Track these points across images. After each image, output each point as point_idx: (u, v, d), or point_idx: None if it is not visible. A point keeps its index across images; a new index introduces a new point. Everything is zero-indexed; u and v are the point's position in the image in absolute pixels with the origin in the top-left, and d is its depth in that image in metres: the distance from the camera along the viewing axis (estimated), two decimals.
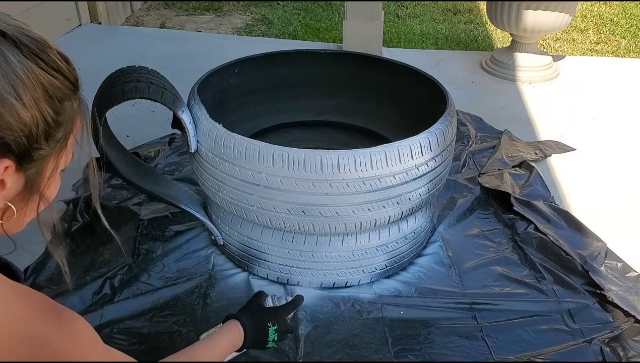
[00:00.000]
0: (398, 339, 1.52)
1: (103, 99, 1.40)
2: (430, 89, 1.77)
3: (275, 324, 1.28)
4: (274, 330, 1.27)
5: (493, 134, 2.52)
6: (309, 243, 1.57)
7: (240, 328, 1.22)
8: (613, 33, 4.17)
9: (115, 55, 3.28)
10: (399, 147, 1.44)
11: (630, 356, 1.47)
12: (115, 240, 1.74)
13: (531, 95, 2.94)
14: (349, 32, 3.26)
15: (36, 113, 0.70)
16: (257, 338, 1.25)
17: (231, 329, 1.22)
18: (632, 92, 2.98)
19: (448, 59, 3.40)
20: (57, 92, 0.73)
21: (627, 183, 2.22)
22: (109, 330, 1.52)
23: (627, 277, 1.73)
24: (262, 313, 1.29)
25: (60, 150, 0.77)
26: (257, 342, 1.26)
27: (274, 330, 1.27)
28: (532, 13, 2.89)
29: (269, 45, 3.48)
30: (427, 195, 1.57)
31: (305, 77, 2.02)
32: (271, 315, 1.30)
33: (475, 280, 1.72)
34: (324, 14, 4.48)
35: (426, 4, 4.76)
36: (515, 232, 1.90)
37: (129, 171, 1.55)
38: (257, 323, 1.25)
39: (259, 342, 1.26)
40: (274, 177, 1.42)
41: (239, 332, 1.22)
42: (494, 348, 1.50)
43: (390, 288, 1.69)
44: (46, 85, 0.71)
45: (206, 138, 1.49)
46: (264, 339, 1.26)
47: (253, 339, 1.24)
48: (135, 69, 1.49)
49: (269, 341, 1.26)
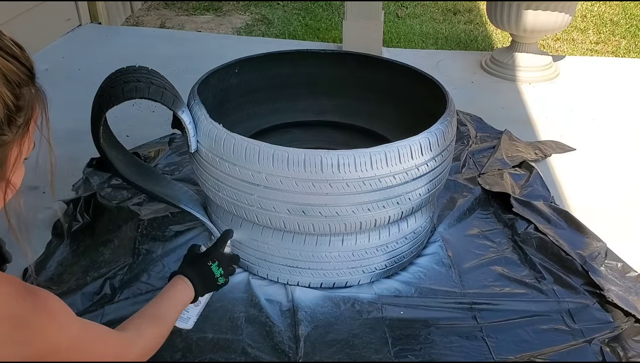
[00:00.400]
0: (398, 339, 1.52)
1: (103, 99, 1.40)
2: (430, 89, 1.77)
3: (215, 260, 1.31)
4: (217, 266, 1.30)
5: (493, 134, 2.52)
6: (309, 243, 1.57)
7: (184, 279, 1.24)
8: (613, 33, 4.17)
9: (115, 55, 3.28)
10: (399, 147, 1.44)
11: (630, 356, 1.47)
12: (117, 239, 1.74)
13: (531, 95, 2.94)
14: (349, 32, 3.26)
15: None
16: (204, 280, 1.28)
17: (177, 283, 1.24)
18: (632, 92, 2.98)
19: (448, 59, 3.40)
20: (14, 77, 0.74)
21: (627, 184, 2.22)
22: None
23: (627, 277, 1.73)
24: (198, 258, 1.33)
25: (23, 136, 0.78)
26: (207, 284, 1.29)
27: (216, 266, 1.30)
28: (532, 13, 2.89)
29: (269, 45, 3.48)
30: (427, 195, 1.57)
31: (305, 77, 2.02)
32: (207, 255, 1.33)
33: (475, 280, 1.72)
34: (324, 14, 4.48)
35: (426, 4, 4.75)
36: (515, 232, 1.90)
37: (129, 171, 1.55)
38: (197, 268, 1.28)
39: (209, 283, 1.29)
40: (274, 177, 1.42)
41: (185, 283, 1.24)
42: (494, 348, 1.50)
43: (390, 288, 1.69)
44: (3, 69, 0.72)
45: (206, 138, 1.49)
46: (211, 279, 1.29)
47: (201, 283, 1.26)
48: (135, 69, 1.49)
49: (217, 278, 1.30)
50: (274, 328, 1.53)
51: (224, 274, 1.33)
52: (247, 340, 1.50)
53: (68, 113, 2.64)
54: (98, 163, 2.19)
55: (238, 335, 1.52)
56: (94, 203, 1.96)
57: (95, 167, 2.19)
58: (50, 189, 2.08)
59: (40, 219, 1.92)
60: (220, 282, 1.32)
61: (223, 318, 1.57)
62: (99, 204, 1.95)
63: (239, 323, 1.55)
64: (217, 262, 1.32)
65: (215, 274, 1.31)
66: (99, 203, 1.96)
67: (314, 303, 1.62)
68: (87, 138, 1.47)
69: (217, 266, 1.31)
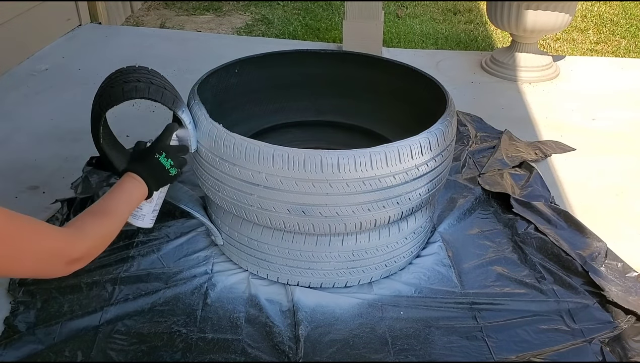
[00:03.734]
0: (398, 339, 1.52)
1: (103, 99, 1.40)
2: (430, 89, 1.77)
3: (162, 152, 1.26)
4: (165, 158, 1.26)
5: (493, 134, 2.52)
6: (309, 243, 1.57)
7: (133, 175, 1.20)
8: (613, 33, 4.17)
9: (115, 55, 3.28)
10: (399, 147, 1.44)
11: (630, 356, 1.47)
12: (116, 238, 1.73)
13: (531, 95, 2.94)
14: (349, 32, 3.26)
15: None
16: (154, 173, 1.23)
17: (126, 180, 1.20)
18: (632, 92, 2.98)
19: (448, 59, 3.40)
20: None
21: (627, 184, 2.22)
22: (109, 330, 1.52)
23: (627, 277, 1.73)
24: (144, 152, 1.28)
25: None
26: (159, 178, 1.25)
27: (164, 157, 1.26)
28: (532, 13, 2.89)
29: (269, 45, 3.48)
30: (427, 195, 1.57)
31: (305, 77, 2.02)
32: (153, 148, 1.28)
33: (475, 280, 1.72)
34: (324, 14, 4.48)
35: (426, 4, 4.76)
36: (515, 232, 1.90)
37: None
38: (145, 162, 1.24)
39: (161, 176, 1.25)
40: (274, 177, 1.42)
41: (135, 178, 1.20)
42: (494, 348, 1.50)
43: (390, 288, 1.69)
44: None
45: (206, 138, 1.49)
46: (161, 171, 1.25)
47: (152, 176, 1.22)
48: (135, 69, 1.49)
49: (168, 169, 1.26)
50: (274, 328, 1.53)
51: (174, 165, 1.27)
52: (247, 340, 1.50)
53: (68, 113, 2.65)
54: (97, 162, 2.19)
55: (238, 335, 1.52)
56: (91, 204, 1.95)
57: (94, 166, 2.19)
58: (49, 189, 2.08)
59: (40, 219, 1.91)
60: (172, 173, 1.26)
61: (223, 318, 1.57)
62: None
63: (239, 323, 1.55)
64: (164, 154, 1.27)
65: (165, 166, 1.26)
66: None
67: (314, 304, 1.62)
68: (87, 137, 1.47)
69: (165, 157, 1.26)
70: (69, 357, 1.45)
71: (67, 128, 2.52)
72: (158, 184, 1.26)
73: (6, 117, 2.61)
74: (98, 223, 1.04)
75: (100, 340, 1.49)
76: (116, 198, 1.15)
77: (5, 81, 2.94)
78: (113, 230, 1.08)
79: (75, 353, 1.46)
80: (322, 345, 1.50)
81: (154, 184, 1.24)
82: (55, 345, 1.48)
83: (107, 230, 1.06)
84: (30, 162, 2.27)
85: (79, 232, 0.98)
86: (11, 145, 2.40)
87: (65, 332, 1.51)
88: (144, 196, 1.22)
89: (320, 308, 1.61)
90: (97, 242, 1.01)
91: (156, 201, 1.32)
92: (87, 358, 1.45)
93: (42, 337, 1.49)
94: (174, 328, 1.53)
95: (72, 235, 0.97)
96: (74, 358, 1.45)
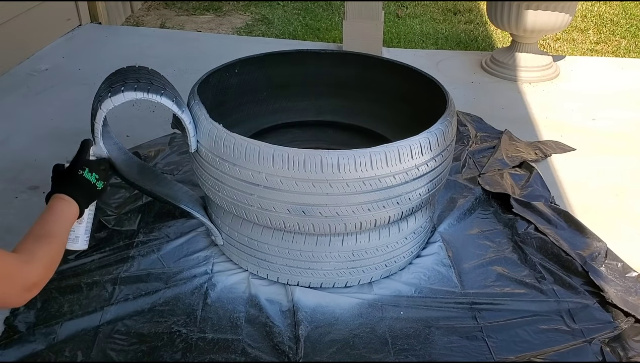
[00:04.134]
0: (398, 339, 1.52)
1: (103, 99, 1.40)
2: (430, 89, 1.77)
3: (84, 168, 1.26)
4: (88, 172, 1.26)
5: (493, 134, 2.52)
6: (309, 243, 1.57)
7: (62, 196, 1.20)
8: (613, 33, 4.17)
9: (115, 55, 3.28)
10: (399, 147, 1.44)
11: (630, 356, 1.47)
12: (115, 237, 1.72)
13: (531, 95, 2.94)
14: (349, 32, 3.26)
15: None
16: (82, 189, 1.23)
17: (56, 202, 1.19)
18: (632, 92, 2.98)
19: (448, 59, 3.40)
20: None
21: (627, 184, 2.22)
22: (109, 330, 1.52)
23: (627, 277, 1.73)
24: (66, 173, 1.27)
25: None
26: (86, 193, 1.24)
27: (88, 172, 1.26)
28: (532, 13, 2.89)
29: (269, 45, 3.48)
30: (427, 195, 1.57)
31: (305, 77, 2.02)
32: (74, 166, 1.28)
33: (475, 280, 1.72)
34: (324, 14, 4.48)
35: (426, 4, 4.76)
36: (515, 232, 1.90)
37: (129, 171, 1.55)
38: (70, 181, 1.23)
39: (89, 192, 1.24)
40: (274, 177, 1.42)
41: (64, 199, 1.19)
42: (494, 348, 1.50)
43: (390, 288, 1.69)
44: None
45: (206, 138, 1.49)
46: (88, 186, 1.24)
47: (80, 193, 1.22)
48: (135, 69, 1.49)
49: (94, 184, 1.25)
50: (274, 328, 1.53)
51: (99, 178, 1.27)
52: (247, 340, 1.50)
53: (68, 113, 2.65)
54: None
55: (238, 335, 1.52)
56: None
57: None
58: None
59: None
60: (99, 187, 1.26)
61: (223, 318, 1.57)
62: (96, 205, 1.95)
63: (239, 323, 1.55)
64: (87, 169, 1.27)
65: (91, 180, 1.25)
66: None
67: (314, 304, 1.61)
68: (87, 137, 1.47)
69: (88, 172, 1.26)
70: (69, 357, 1.45)
71: (67, 128, 2.52)
72: (87, 200, 1.25)
73: (6, 117, 2.61)
74: (45, 247, 1.04)
75: (100, 340, 1.49)
76: (52, 221, 1.14)
77: (5, 81, 2.94)
78: (58, 252, 1.08)
79: (75, 353, 1.46)
80: (322, 345, 1.50)
81: (84, 200, 1.24)
82: (55, 345, 1.48)
83: (54, 252, 1.06)
84: (30, 162, 2.27)
85: (30, 256, 0.98)
86: (11, 145, 2.40)
87: (65, 332, 1.51)
88: (76, 215, 1.21)
89: (320, 308, 1.61)
90: (47, 265, 1.01)
91: (86, 221, 1.31)
92: (87, 358, 1.45)
93: (42, 337, 1.49)
94: (174, 328, 1.53)
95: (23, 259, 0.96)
96: (74, 358, 1.45)
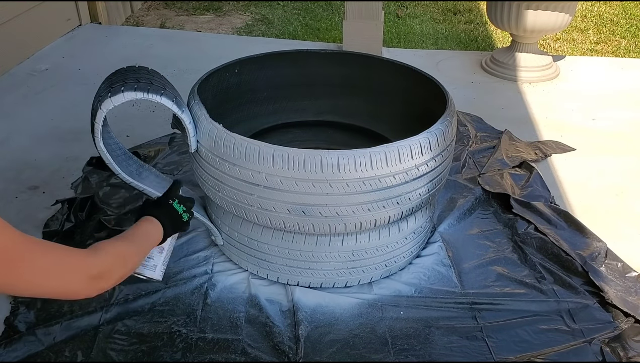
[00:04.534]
0: (398, 339, 1.52)
1: (103, 99, 1.40)
2: (430, 89, 1.77)
3: (175, 199, 1.34)
4: (178, 203, 1.33)
5: (493, 134, 2.52)
6: (309, 243, 1.57)
7: (150, 218, 1.25)
8: (613, 33, 4.17)
9: (115, 55, 3.28)
10: (399, 147, 1.44)
11: (630, 356, 1.47)
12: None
13: (531, 95, 2.94)
14: (349, 32, 3.26)
15: None
16: (170, 218, 1.30)
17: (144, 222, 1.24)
18: (632, 92, 2.98)
19: (448, 59, 3.40)
20: None
21: (627, 184, 2.22)
22: (109, 330, 1.52)
23: (627, 277, 1.73)
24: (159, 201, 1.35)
25: None
26: (174, 222, 1.31)
27: (177, 203, 1.34)
28: (532, 13, 2.89)
29: (269, 45, 3.48)
30: (427, 195, 1.57)
31: (305, 77, 2.02)
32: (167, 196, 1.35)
33: (475, 280, 1.72)
34: (324, 14, 4.48)
35: (426, 4, 4.76)
36: (515, 232, 1.90)
37: (128, 171, 1.55)
38: (161, 207, 1.30)
39: (175, 221, 1.32)
40: (274, 177, 1.42)
41: (151, 221, 1.25)
42: (494, 348, 1.50)
43: (390, 288, 1.69)
44: None
45: (206, 138, 1.49)
46: (176, 216, 1.32)
47: (168, 220, 1.28)
48: (135, 69, 1.49)
49: (181, 214, 1.33)
50: (274, 328, 1.53)
51: (185, 211, 1.34)
52: (247, 340, 1.50)
53: (68, 113, 2.65)
54: (98, 162, 2.19)
55: (238, 335, 1.52)
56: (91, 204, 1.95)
57: (94, 166, 2.19)
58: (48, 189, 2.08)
59: (40, 219, 1.92)
60: (184, 219, 1.33)
61: (223, 318, 1.57)
62: (96, 206, 1.95)
63: (239, 323, 1.55)
64: (177, 200, 1.34)
65: (179, 210, 1.32)
66: (95, 205, 1.95)
67: (314, 304, 1.61)
68: (87, 137, 1.47)
69: (178, 203, 1.33)
70: (69, 357, 1.45)
71: (67, 128, 2.52)
72: (173, 227, 1.31)
73: (6, 117, 2.61)
74: (115, 244, 1.06)
75: (100, 340, 1.49)
76: (134, 233, 1.19)
77: (5, 81, 2.94)
78: (131, 252, 1.10)
79: (75, 353, 1.46)
80: (322, 345, 1.50)
81: (170, 227, 1.29)
82: (55, 345, 1.48)
83: (125, 249, 1.08)
84: (30, 162, 2.27)
85: (95, 249, 1.00)
86: (11, 145, 2.40)
87: (65, 332, 1.51)
88: (158, 239, 1.26)
89: (320, 308, 1.61)
90: (115, 260, 1.03)
91: (166, 251, 1.36)
92: (87, 358, 1.45)
93: (42, 337, 1.49)
94: (174, 328, 1.53)
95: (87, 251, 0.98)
96: (74, 358, 1.45)
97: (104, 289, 0.98)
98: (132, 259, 1.10)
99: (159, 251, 1.33)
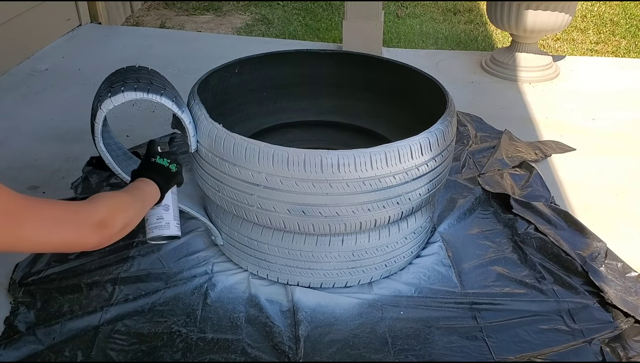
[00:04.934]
0: (398, 339, 1.52)
1: (103, 99, 1.40)
2: (430, 89, 1.77)
3: (155, 155, 1.35)
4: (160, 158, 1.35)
5: (493, 134, 2.52)
6: (309, 243, 1.57)
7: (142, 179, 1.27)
8: (613, 33, 4.17)
9: (115, 55, 3.28)
10: (399, 147, 1.44)
11: (630, 356, 1.46)
12: None
13: (531, 95, 2.94)
14: (349, 32, 3.26)
15: None
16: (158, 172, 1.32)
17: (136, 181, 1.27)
18: (632, 92, 2.98)
19: (448, 59, 3.40)
20: None
21: (627, 184, 2.22)
22: (109, 330, 1.52)
23: (627, 277, 1.73)
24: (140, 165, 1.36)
25: None
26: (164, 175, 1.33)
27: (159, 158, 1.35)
28: (532, 13, 2.89)
29: (269, 45, 3.48)
30: (427, 195, 1.57)
31: (305, 77, 2.02)
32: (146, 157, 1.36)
33: (475, 280, 1.72)
34: (324, 14, 4.48)
35: (426, 4, 4.76)
36: (515, 232, 1.90)
37: (128, 171, 1.55)
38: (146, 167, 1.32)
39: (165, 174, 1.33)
40: (274, 177, 1.42)
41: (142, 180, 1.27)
42: (494, 348, 1.50)
43: (390, 288, 1.69)
44: None
45: (206, 138, 1.49)
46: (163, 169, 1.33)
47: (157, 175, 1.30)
48: (135, 69, 1.49)
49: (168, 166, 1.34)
50: (274, 328, 1.53)
51: (171, 162, 1.36)
52: (247, 340, 1.50)
53: (68, 113, 2.65)
54: (98, 162, 2.19)
55: (238, 335, 1.52)
56: None
57: (94, 166, 2.19)
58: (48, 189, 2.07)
59: None
60: (173, 169, 1.35)
61: (223, 318, 1.57)
62: None
63: (239, 323, 1.55)
64: (157, 156, 1.35)
65: (164, 164, 1.34)
66: None
67: (314, 304, 1.61)
68: (87, 137, 1.47)
69: (160, 158, 1.35)
70: (69, 357, 1.45)
71: (67, 128, 2.52)
72: (166, 182, 1.32)
73: (6, 117, 2.61)
74: (111, 193, 1.09)
75: (100, 340, 1.49)
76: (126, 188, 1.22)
77: (5, 81, 2.94)
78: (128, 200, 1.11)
79: (75, 353, 1.46)
80: (322, 345, 1.50)
81: (162, 181, 1.30)
82: (55, 345, 1.48)
83: (121, 197, 1.10)
84: (30, 162, 2.27)
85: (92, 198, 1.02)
86: (11, 145, 2.40)
87: (65, 332, 1.51)
88: (155, 193, 1.28)
89: (320, 308, 1.61)
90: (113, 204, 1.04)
91: (172, 207, 1.36)
92: (87, 358, 1.45)
93: (42, 337, 1.49)
94: (174, 328, 1.53)
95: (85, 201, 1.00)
96: (74, 358, 1.45)
97: (112, 237, 1.00)
98: (132, 205, 1.11)
99: (165, 209, 1.34)
